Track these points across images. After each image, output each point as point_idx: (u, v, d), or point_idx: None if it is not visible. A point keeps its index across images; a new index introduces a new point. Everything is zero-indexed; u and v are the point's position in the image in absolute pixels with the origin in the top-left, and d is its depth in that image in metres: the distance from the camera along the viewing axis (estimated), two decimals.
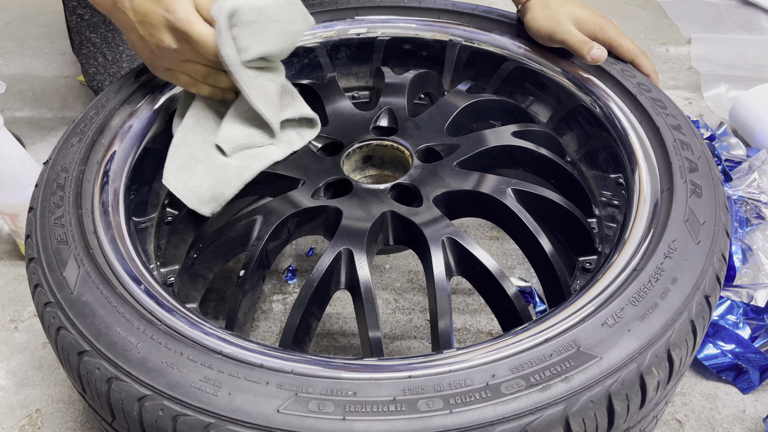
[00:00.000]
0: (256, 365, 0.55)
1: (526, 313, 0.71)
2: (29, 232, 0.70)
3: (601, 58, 0.89)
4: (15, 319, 1.05)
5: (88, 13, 1.28)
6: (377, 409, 0.52)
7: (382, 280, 1.10)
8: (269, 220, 0.77)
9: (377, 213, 0.77)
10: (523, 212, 0.76)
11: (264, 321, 1.04)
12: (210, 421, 0.51)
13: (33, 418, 0.91)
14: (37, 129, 1.48)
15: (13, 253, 1.17)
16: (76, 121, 0.84)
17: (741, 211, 1.12)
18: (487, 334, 1.01)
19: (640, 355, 0.55)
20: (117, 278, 0.65)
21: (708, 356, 0.94)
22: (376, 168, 0.92)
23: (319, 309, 0.74)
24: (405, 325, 1.02)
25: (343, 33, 1.07)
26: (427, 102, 1.10)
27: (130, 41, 0.81)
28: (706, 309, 0.61)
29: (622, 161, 0.81)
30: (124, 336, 0.58)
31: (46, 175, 0.76)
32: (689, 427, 0.88)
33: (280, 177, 0.83)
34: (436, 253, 0.73)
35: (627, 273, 0.63)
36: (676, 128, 0.78)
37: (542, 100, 1.00)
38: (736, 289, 1.01)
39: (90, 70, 1.33)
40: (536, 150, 0.85)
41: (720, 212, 0.68)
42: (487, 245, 1.16)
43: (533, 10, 0.94)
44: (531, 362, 0.54)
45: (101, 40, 1.29)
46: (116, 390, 0.55)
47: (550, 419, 0.51)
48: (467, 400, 0.52)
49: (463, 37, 1.05)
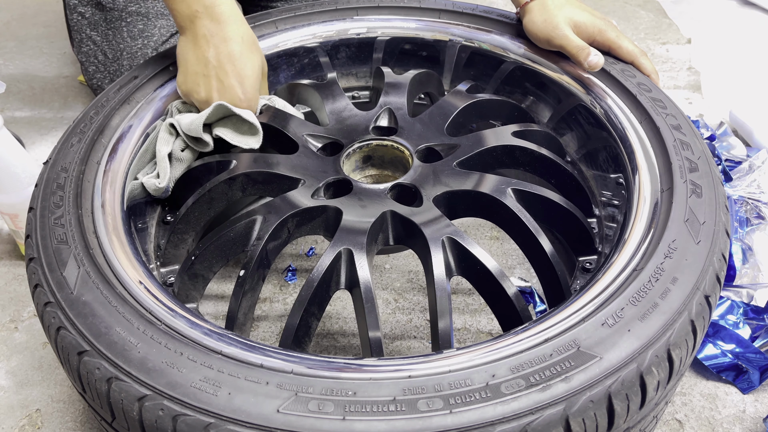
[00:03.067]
0: (256, 365, 0.55)
1: (526, 313, 0.71)
2: (29, 232, 0.70)
3: (598, 65, 0.88)
4: (15, 319, 1.05)
5: (89, 11, 1.28)
6: (377, 409, 0.52)
7: (382, 280, 1.10)
8: (269, 220, 0.77)
9: (377, 213, 0.77)
10: (523, 212, 0.76)
11: (264, 321, 1.04)
12: (210, 421, 0.51)
13: (33, 418, 0.91)
14: (37, 129, 1.48)
15: (13, 253, 1.17)
16: (76, 121, 0.84)
17: (741, 211, 1.12)
18: (487, 334, 1.01)
19: (640, 355, 0.55)
20: (117, 278, 0.65)
21: (708, 356, 0.94)
22: (376, 168, 0.92)
23: (319, 309, 0.74)
24: (405, 325, 1.02)
25: (343, 33, 1.07)
26: (427, 102, 1.10)
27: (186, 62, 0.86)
28: (706, 309, 0.61)
29: (622, 161, 0.81)
30: (124, 336, 0.58)
31: (46, 175, 0.76)
32: (689, 427, 0.88)
33: (280, 177, 0.83)
34: (436, 253, 0.73)
35: (627, 273, 0.63)
36: (676, 128, 0.78)
37: (542, 100, 1.00)
38: (736, 289, 1.01)
39: (90, 68, 1.33)
40: (536, 150, 0.85)
41: (720, 212, 0.68)
42: (487, 245, 1.16)
43: (532, 12, 0.94)
44: (531, 362, 0.54)
45: (102, 38, 1.29)
46: (116, 390, 0.55)
47: (550, 419, 0.51)
48: (467, 400, 0.52)
49: (463, 37, 1.05)
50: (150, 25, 1.24)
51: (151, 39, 1.24)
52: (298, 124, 0.91)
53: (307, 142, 0.89)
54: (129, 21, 1.24)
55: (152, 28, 1.24)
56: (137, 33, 1.24)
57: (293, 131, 0.89)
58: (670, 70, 1.64)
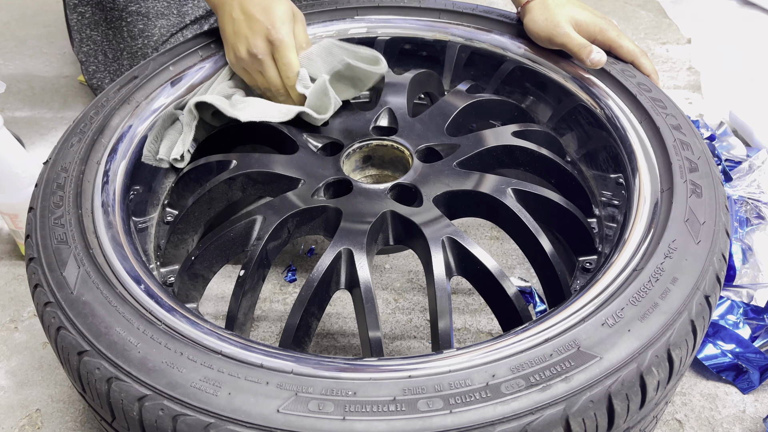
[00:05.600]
0: (256, 365, 0.55)
1: (526, 313, 0.71)
2: (29, 232, 0.70)
3: (601, 62, 0.89)
4: (15, 319, 1.05)
5: (89, 11, 1.28)
6: (377, 409, 0.52)
7: (382, 280, 1.10)
8: (269, 220, 0.77)
9: (377, 213, 0.77)
10: (523, 212, 0.76)
11: (264, 321, 1.04)
12: (210, 421, 0.51)
13: (33, 418, 0.91)
14: (37, 129, 1.48)
15: (13, 253, 1.17)
16: (76, 120, 0.84)
17: (741, 211, 1.12)
18: (487, 334, 1.01)
19: (640, 355, 0.55)
20: (117, 278, 0.65)
21: (708, 356, 0.94)
22: (376, 168, 0.92)
23: (319, 309, 0.74)
24: (405, 325, 1.02)
25: (343, 33, 1.07)
26: (427, 102, 1.10)
27: (223, 30, 0.93)
28: (706, 309, 0.61)
29: (622, 161, 0.81)
30: (124, 336, 0.58)
31: (46, 175, 0.76)
32: (689, 427, 0.88)
33: (280, 177, 0.83)
34: (436, 253, 0.73)
35: (627, 273, 0.63)
36: (677, 128, 0.78)
37: (542, 100, 1.00)
38: (736, 289, 1.01)
39: (90, 68, 1.33)
40: (536, 150, 0.85)
41: (720, 212, 0.68)
42: (487, 245, 1.16)
43: (532, 12, 0.94)
44: (531, 362, 0.54)
45: (102, 37, 1.29)
46: (116, 390, 0.55)
47: (550, 419, 0.51)
48: (467, 400, 0.52)
49: (463, 36, 1.05)
50: (150, 24, 1.24)
51: (152, 39, 1.24)
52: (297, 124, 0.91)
53: (307, 142, 0.89)
54: (129, 21, 1.24)
55: (152, 27, 1.24)
56: (137, 33, 1.24)
57: (293, 131, 0.89)
58: (670, 70, 1.64)
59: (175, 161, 0.89)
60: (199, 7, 1.27)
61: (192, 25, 1.27)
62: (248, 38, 0.88)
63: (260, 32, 0.88)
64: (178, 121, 0.91)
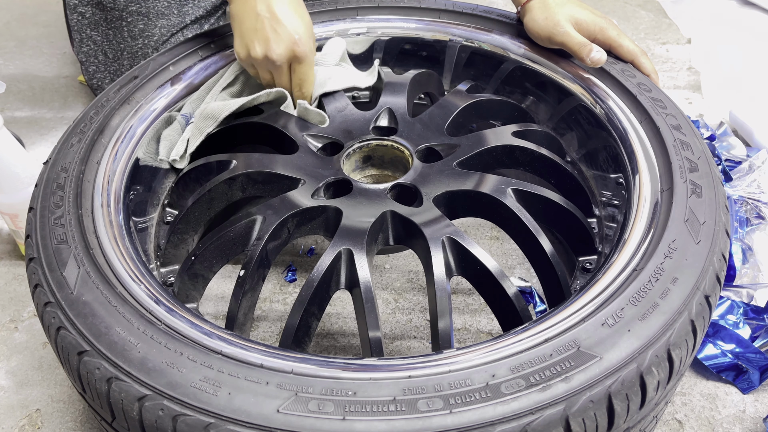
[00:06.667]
0: (256, 365, 0.55)
1: (526, 313, 0.71)
2: (29, 232, 0.70)
3: (601, 61, 0.89)
4: (15, 319, 1.05)
5: (89, 11, 1.28)
6: (377, 409, 0.52)
7: (382, 280, 1.10)
8: (269, 220, 0.77)
9: (377, 213, 0.77)
10: (523, 212, 0.76)
11: (264, 321, 1.04)
12: (210, 421, 0.51)
13: (33, 418, 0.91)
14: (37, 129, 1.48)
15: (13, 253, 1.17)
16: (76, 121, 0.85)
17: (741, 211, 1.12)
18: (487, 334, 1.01)
19: (640, 355, 0.55)
20: (117, 278, 0.65)
21: (708, 356, 0.94)
22: (376, 168, 0.92)
23: (319, 309, 0.74)
24: (405, 325, 1.02)
25: (343, 33, 1.07)
26: (427, 102, 1.10)
27: (240, 21, 0.87)
28: (706, 309, 0.61)
29: (622, 161, 0.81)
30: (124, 336, 0.58)
31: (46, 175, 0.76)
32: (689, 427, 0.88)
33: (281, 177, 0.83)
34: (436, 253, 0.73)
35: (627, 273, 0.63)
36: (676, 128, 0.78)
37: (542, 100, 1.00)
38: (736, 289, 1.01)
39: (90, 68, 1.33)
40: (536, 150, 0.85)
41: (720, 212, 0.68)
42: (487, 245, 1.16)
43: (532, 11, 0.94)
44: (531, 362, 0.54)
45: (102, 37, 1.29)
46: (116, 390, 0.55)
47: (550, 419, 0.51)
48: (467, 400, 0.52)
49: (463, 37, 1.05)
50: (150, 24, 1.24)
51: (152, 39, 1.24)
52: (297, 124, 0.91)
53: (307, 142, 0.89)
54: (129, 21, 1.24)
55: (153, 27, 1.24)
56: (138, 33, 1.24)
57: (293, 131, 0.89)
58: (670, 70, 1.64)
59: (174, 161, 0.89)
60: (199, 7, 1.27)
61: (192, 25, 1.27)
62: (270, 42, 0.85)
63: (286, 40, 0.85)
64: (176, 121, 0.91)
